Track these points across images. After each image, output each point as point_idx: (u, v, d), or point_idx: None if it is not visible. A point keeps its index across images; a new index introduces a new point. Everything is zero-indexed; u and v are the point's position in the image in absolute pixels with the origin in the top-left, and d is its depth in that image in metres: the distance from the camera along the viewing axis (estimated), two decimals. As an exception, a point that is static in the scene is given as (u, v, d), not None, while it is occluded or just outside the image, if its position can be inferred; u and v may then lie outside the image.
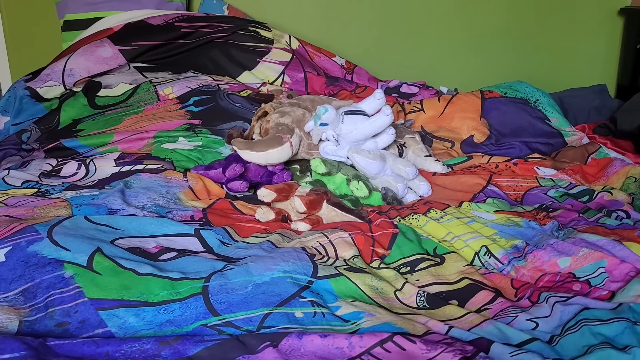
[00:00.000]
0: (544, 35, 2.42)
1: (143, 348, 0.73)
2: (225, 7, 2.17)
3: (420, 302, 0.91)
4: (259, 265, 0.92)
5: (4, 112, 1.74)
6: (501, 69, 2.42)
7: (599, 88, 2.04)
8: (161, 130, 1.55)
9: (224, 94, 1.70)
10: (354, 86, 1.96)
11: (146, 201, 1.16)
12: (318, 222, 1.19)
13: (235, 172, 1.31)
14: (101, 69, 1.80)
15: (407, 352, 0.75)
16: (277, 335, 0.77)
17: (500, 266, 1.04)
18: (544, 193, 1.35)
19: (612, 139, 1.70)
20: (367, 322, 0.83)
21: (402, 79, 2.10)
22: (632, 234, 1.07)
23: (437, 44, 2.42)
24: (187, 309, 0.82)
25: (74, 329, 0.78)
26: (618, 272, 0.96)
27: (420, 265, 1.03)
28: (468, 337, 0.80)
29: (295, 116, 1.39)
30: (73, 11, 2.03)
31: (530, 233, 1.14)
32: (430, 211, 1.21)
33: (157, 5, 2.07)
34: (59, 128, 1.65)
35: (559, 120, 1.76)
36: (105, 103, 1.70)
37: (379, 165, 1.30)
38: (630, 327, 0.78)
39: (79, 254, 0.89)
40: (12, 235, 0.92)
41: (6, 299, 0.81)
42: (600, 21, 2.41)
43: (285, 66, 1.96)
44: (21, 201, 1.13)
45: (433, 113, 1.77)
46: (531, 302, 0.91)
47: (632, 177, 1.40)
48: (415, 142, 1.52)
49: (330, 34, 2.35)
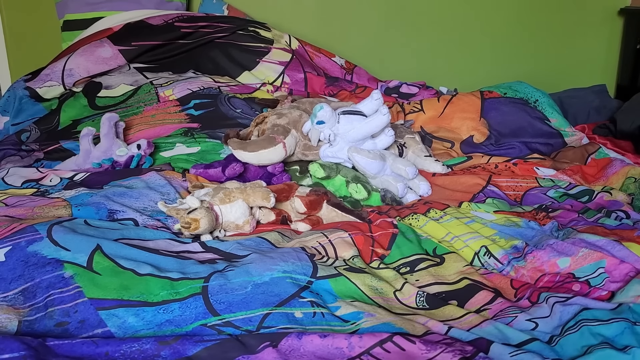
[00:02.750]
0: (544, 36, 2.42)
1: (142, 348, 0.73)
2: (225, 7, 2.17)
3: (420, 302, 0.91)
4: (259, 265, 0.92)
5: (4, 112, 1.74)
6: (501, 69, 2.43)
7: (598, 88, 2.04)
8: (158, 137, 1.55)
9: (225, 98, 1.70)
10: (353, 86, 1.96)
11: (147, 203, 1.17)
12: (318, 223, 1.19)
13: (235, 172, 1.31)
14: (101, 69, 1.80)
15: (407, 352, 0.75)
16: (276, 335, 0.77)
17: (499, 266, 1.04)
18: (543, 193, 1.35)
19: (612, 140, 1.70)
20: (366, 323, 0.83)
21: (402, 79, 2.10)
22: (631, 234, 1.07)
23: (437, 44, 2.42)
24: (187, 309, 0.82)
25: (73, 329, 0.78)
26: (618, 272, 0.96)
27: (419, 266, 1.03)
28: (468, 337, 0.80)
29: (292, 117, 1.39)
30: (73, 11, 2.03)
31: (530, 233, 1.14)
32: (430, 211, 1.21)
33: (157, 5, 2.07)
34: (59, 128, 1.65)
35: (559, 121, 1.76)
36: (105, 104, 1.70)
37: (378, 164, 1.30)
38: (630, 328, 0.78)
39: (79, 254, 0.89)
40: (12, 235, 0.92)
41: (6, 298, 0.81)
42: (600, 21, 2.41)
43: (285, 66, 1.96)
44: (20, 201, 1.13)
45: (433, 113, 1.77)
46: (531, 302, 0.91)
47: (632, 177, 1.40)
48: (415, 143, 1.52)
49: (330, 34, 2.35)
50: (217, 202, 1.11)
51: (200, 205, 1.08)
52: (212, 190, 1.15)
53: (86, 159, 1.40)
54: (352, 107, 1.36)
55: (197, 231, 1.05)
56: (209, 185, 1.23)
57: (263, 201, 1.14)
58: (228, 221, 1.12)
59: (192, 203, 1.08)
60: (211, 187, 1.18)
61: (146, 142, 1.43)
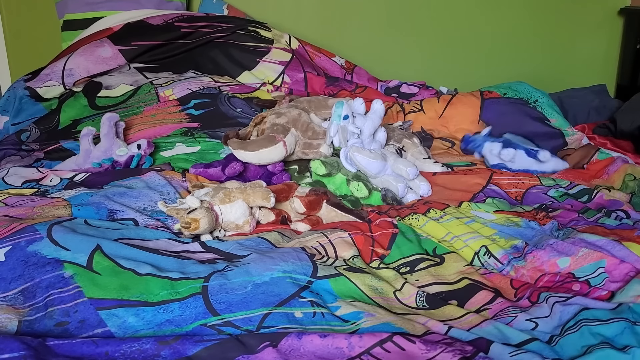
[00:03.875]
0: (544, 36, 2.42)
1: (142, 348, 0.73)
2: (225, 7, 2.17)
3: (420, 302, 0.91)
4: (259, 265, 0.92)
5: (4, 112, 1.74)
6: (501, 69, 2.42)
7: (598, 88, 2.04)
8: (158, 137, 1.55)
9: (225, 98, 1.70)
10: (353, 86, 1.96)
11: (147, 203, 1.17)
12: (318, 223, 1.19)
13: (235, 171, 1.31)
14: (101, 69, 1.80)
15: (407, 352, 0.75)
16: (276, 335, 0.77)
17: (499, 266, 1.04)
18: (544, 193, 1.35)
19: (612, 139, 1.70)
20: (366, 322, 0.83)
21: (402, 78, 2.10)
22: (631, 234, 1.07)
23: (437, 43, 2.42)
24: (187, 308, 0.82)
25: (73, 329, 0.78)
26: (617, 272, 0.96)
27: (419, 266, 1.03)
28: (467, 337, 0.80)
29: (291, 116, 1.39)
30: (73, 11, 2.03)
31: (530, 233, 1.14)
32: (429, 211, 1.21)
33: (157, 5, 2.07)
34: (59, 128, 1.65)
35: (559, 121, 1.76)
36: (105, 104, 1.70)
37: (380, 164, 1.30)
38: (630, 327, 0.78)
39: (79, 253, 0.89)
40: (12, 234, 0.92)
41: (6, 298, 0.81)
42: (600, 21, 2.41)
43: (285, 66, 1.96)
44: (20, 201, 1.13)
45: (433, 113, 1.77)
46: (531, 302, 0.91)
47: (632, 174, 1.40)
48: (413, 146, 1.52)
49: (330, 34, 2.35)
50: (217, 202, 1.11)
51: (200, 205, 1.08)
52: (212, 190, 1.15)
53: (86, 158, 1.40)
54: None
55: (197, 231, 1.05)
56: (209, 185, 1.23)
57: (263, 201, 1.14)
58: (228, 221, 1.12)
59: (192, 203, 1.08)
60: (211, 187, 1.18)
61: (146, 142, 1.43)
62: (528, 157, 1.51)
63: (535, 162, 1.51)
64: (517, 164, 1.51)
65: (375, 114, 1.39)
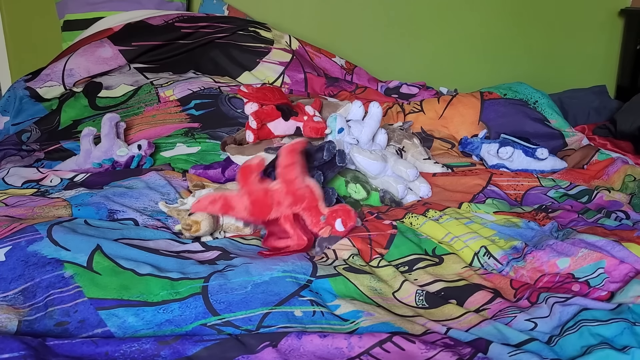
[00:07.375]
0: (544, 36, 2.42)
1: (142, 348, 0.73)
2: (226, 8, 2.17)
3: (420, 301, 0.91)
4: (259, 265, 0.92)
5: (4, 112, 1.74)
6: (501, 69, 2.43)
7: (598, 89, 2.05)
8: (158, 137, 1.55)
9: (226, 98, 1.70)
10: (353, 87, 1.96)
11: (147, 203, 1.17)
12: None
13: (234, 173, 1.31)
14: (101, 69, 1.80)
15: (407, 352, 0.75)
16: (276, 335, 0.77)
17: (499, 267, 1.04)
18: (544, 194, 1.36)
19: (612, 140, 1.70)
20: (365, 321, 0.83)
21: (402, 79, 2.10)
22: (631, 235, 1.07)
23: (437, 44, 2.42)
24: (187, 308, 0.83)
25: (73, 329, 0.78)
26: (617, 272, 0.96)
27: (417, 265, 1.03)
28: (467, 337, 0.80)
29: None
30: (73, 11, 2.03)
31: (530, 234, 1.14)
32: (428, 212, 1.21)
33: (157, 5, 2.07)
34: (59, 129, 1.65)
35: (559, 122, 1.76)
36: (106, 104, 1.70)
37: (380, 165, 1.30)
38: (630, 328, 0.78)
39: (79, 253, 0.89)
40: (12, 234, 0.92)
41: (6, 298, 0.82)
42: (601, 22, 2.41)
43: (285, 67, 1.96)
44: (20, 201, 1.13)
45: (433, 114, 1.77)
46: (530, 302, 0.91)
47: (631, 175, 1.40)
48: (414, 146, 1.52)
49: (330, 34, 2.35)
50: None
51: None
52: (213, 191, 1.15)
53: (87, 159, 1.40)
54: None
55: (197, 233, 1.05)
56: (210, 185, 1.23)
57: None
58: (228, 223, 1.12)
59: None
60: (212, 187, 1.18)
61: (147, 142, 1.43)
62: (526, 155, 1.51)
63: (533, 160, 1.51)
64: (516, 163, 1.51)
65: (372, 119, 1.37)
